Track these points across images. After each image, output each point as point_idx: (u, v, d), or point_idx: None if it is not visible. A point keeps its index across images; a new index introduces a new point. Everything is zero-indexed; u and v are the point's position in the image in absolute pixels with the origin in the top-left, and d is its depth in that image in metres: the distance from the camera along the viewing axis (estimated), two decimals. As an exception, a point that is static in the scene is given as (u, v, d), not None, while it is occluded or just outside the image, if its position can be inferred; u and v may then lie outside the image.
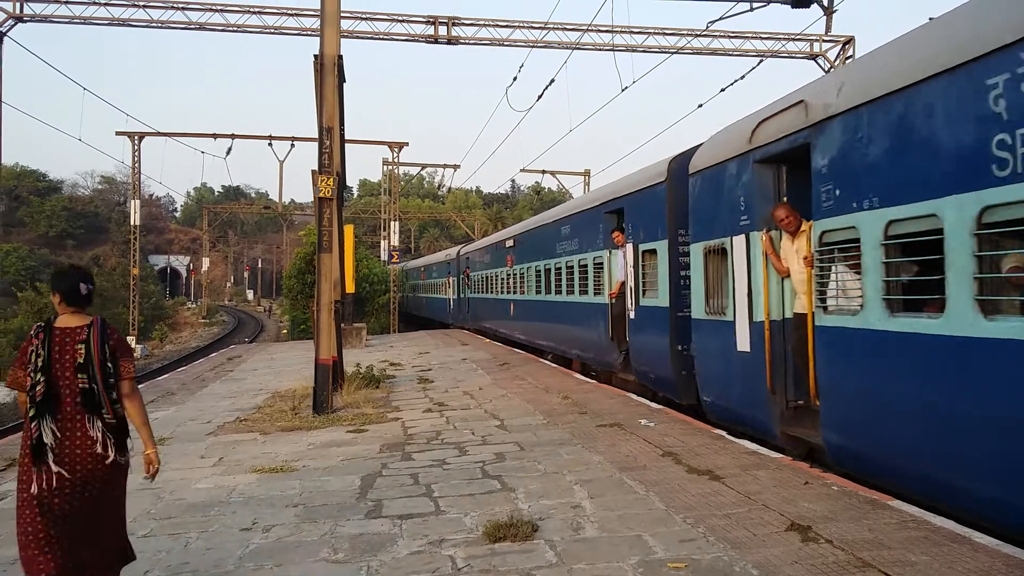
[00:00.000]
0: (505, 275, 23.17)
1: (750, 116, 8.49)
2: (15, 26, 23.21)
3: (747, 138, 8.08)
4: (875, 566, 4.61)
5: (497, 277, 24.78)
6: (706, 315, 9.27)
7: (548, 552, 5.12)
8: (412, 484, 7.12)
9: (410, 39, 25.05)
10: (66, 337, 4.12)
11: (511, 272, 22.29)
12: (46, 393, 4.00)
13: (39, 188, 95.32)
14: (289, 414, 11.40)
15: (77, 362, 4.07)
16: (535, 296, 19.10)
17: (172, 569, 5.13)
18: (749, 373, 8.12)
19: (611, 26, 24.76)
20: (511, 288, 22.35)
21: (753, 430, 8.29)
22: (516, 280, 21.64)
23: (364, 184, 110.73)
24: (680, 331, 10.54)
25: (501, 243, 24.49)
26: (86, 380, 4.06)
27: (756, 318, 7.90)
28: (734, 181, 8.41)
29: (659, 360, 11.27)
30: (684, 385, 10.52)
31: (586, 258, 14.83)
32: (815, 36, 25.34)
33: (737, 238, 8.28)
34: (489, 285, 26.46)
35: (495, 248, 25.61)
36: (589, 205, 15.07)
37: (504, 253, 23.35)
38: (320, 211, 12.12)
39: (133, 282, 36.54)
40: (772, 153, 7.67)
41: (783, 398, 7.69)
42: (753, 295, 7.93)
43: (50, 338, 4.10)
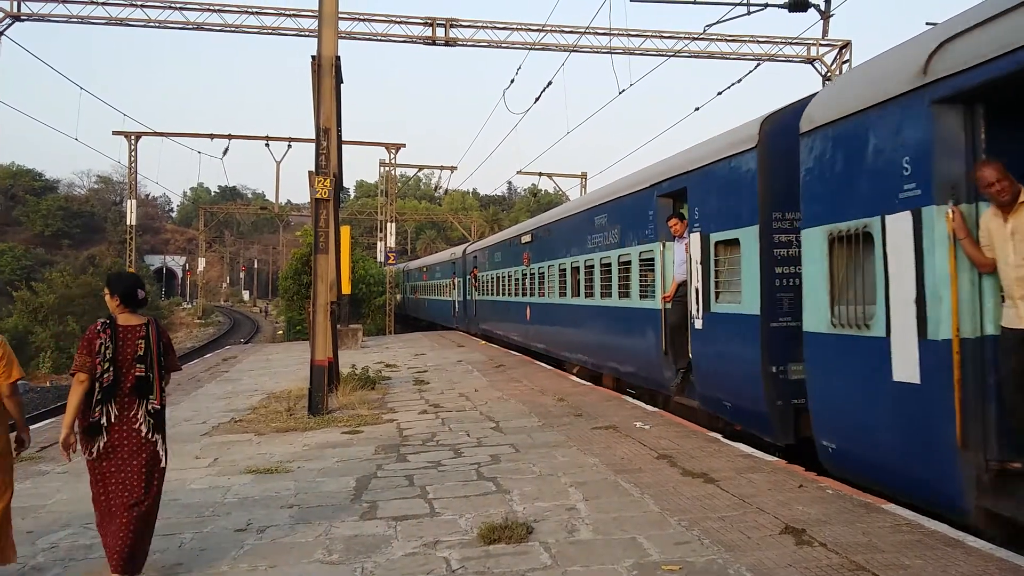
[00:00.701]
0: (520, 275, 20.81)
1: (915, 40, 6.20)
2: (12, 25, 23.18)
3: (917, 69, 5.70)
4: (869, 569, 4.63)
5: (510, 278, 22.34)
6: (832, 328, 6.71)
7: (543, 554, 5.13)
8: (407, 486, 7.11)
9: (408, 40, 25.06)
10: (128, 333, 4.94)
11: (528, 272, 19.92)
12: (112, 379, 4.82)
13: (35, 187, 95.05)
14: (284, 415, 11.39)
15: (137, 354, 4.91)
16: (558, 299, 16.72)
17: (166, 570, 5.12)
18: (917, 416, 5.69)
19: (609, 29, 24.80)
20: (527, 290, 20.01)
21: (920, 498, 5.87)
22: (534, 281, 19.27)
23: (361, 185, 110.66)
24: (776, 347, 8.11)
25: (516, 239, 21.91)
26: (143, 369, 4.91)
27: (933, 335, 5.49)
28: (889, 134, 6.02)
29: (742, 385, 8.69)
30: (781, 420, 8.08)
31: (629, 253, 12.25)
32: (812, 40, 25.39)
33: (895, 217, 5.89)
34: (500, 286, 24.04)
35: (508, 245, 23.18)
36: (635, 188, 12.15)
37: (519, 250, 21.01)
38: (317, 212, 12.11)
39: (129, 282, 36.43)
40: (967, 87, 5.27)
41: (981, 456, 5.27)
42: (928, 300, 5.54)
43: (115, 333, 4.89)
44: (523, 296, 20.50)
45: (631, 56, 25.56)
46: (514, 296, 21.75)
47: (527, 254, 19.90)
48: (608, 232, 13.37)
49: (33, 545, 5.73)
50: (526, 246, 20.17)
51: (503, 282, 23.59)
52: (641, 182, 12.03)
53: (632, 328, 12.08)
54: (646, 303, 11.53)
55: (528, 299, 19.90)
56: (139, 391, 4.90)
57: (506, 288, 23.05)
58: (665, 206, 11.06)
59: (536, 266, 19.01)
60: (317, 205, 12.11)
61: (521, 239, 20.91)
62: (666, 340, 10.72)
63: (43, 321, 39.99)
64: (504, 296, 23.40)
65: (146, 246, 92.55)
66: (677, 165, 10.74)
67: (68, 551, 5.64)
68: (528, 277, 19.85)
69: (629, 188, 12.56)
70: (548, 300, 17.73)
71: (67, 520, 6.41)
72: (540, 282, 18.61)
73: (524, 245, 20.39)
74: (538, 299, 18.87)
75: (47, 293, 43.04)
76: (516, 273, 21.43)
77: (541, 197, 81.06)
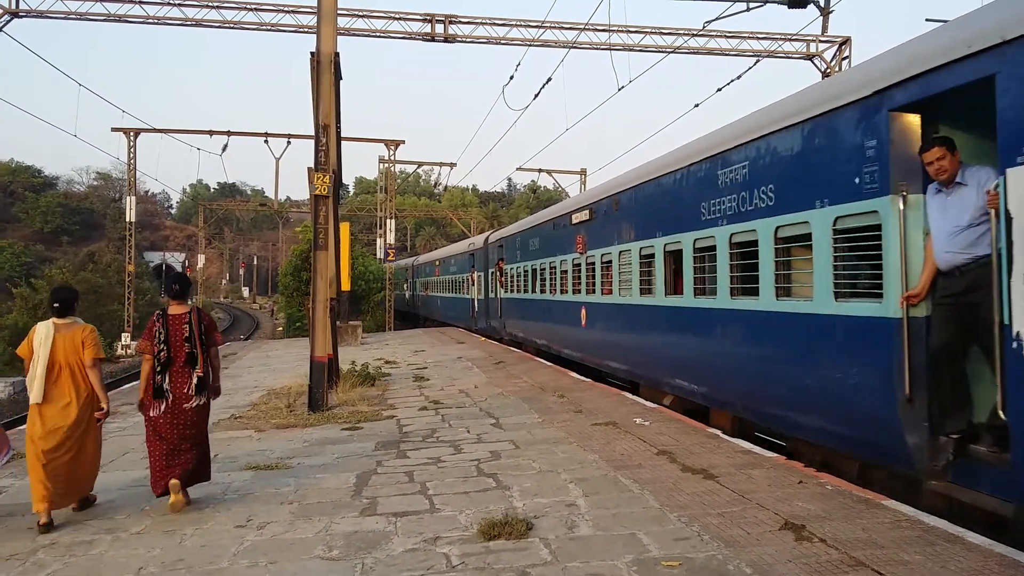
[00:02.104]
0: (571, 266, 16.01)
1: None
2: (11, 21, 23.14)
3: None
4: (869, 565, 4.63)
5: (554, 270, 17.52)
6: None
7: (543, 550, 5.13)
8: (407, 482, 7.12)
9: (407, 37, 25.04)
10: (176, 320, 6.51)
11: (583, 261, 15.18)
12: (167, 356, 6.41)
13: (34, 184, 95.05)
14: (284, 411, 11.39)
15: (184, 336, 6.47)
16: (639, 300, 11.93)
17: (167, 566, 5.13)
18: None
19: (608, 25, 24.81)
20: (582, 286, 15.22)
21: None
22: (593, 273, 14.52)
23: (360, 182, 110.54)
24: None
25: (562, 220, 17.06)
26: (189, 347, 6.47)
27: None
28: None
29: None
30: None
31: (808, 221, 7.39)
32: (811, 36, 25.39)
33: None
34: (537, 282, 19.22)
35: (551, 228, 17.98)
36: (824, 106, 7.21)
37: (568, 233, 16.20)
38: (316, 208, 12.10)
39: (128, 279, 36.42)
40: None
41: None
42: None
43: (166, 321, 6.48)
44: (574, 294, 15.74)
45: (630, 52, 25.56)
46: (559, 294, 16.94)
47: (582, 237, 15.17)
48: (751, 191, 8.41)
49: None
50: (580, 227, 15.39)
51: (542, 276, 18.75)
52: (843, 93, 6.96)
53: (817, 351, 7.26)
54: (854, 307, 6.74)
55: (584, 298, 15.04)
56: (189, 363, 6.46)
57: (547, 284, 18.16)
58: (908, 130, 6.27)
59: (597, 253, 14.18)
60: (316, 202, 12.10)
61: (572, 218, 16.03)
62: (911, 377, 5.98)
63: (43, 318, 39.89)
64: (543, 294, 18.60)
65: (145, 243, 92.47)
66: (948, 46, 5.72)
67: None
68: (584, 269, 15.11)
69: (809, 109, 7.47)
70: (622, 300, 12.74)
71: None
72: (604, 275, 13.85)
73: (577, 226, 15.60)
74: (602, 299, 13.99)
75: (46, 290, 43.01)
76: (563, 264, 16.67)
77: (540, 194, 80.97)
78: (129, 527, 6.02)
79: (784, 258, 7.93)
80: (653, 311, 11.36)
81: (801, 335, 7.53)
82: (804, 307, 7.46)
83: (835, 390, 6.92)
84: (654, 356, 11.48)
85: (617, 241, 12.95)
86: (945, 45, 5.77)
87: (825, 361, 7.09)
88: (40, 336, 6.35)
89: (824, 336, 7.12)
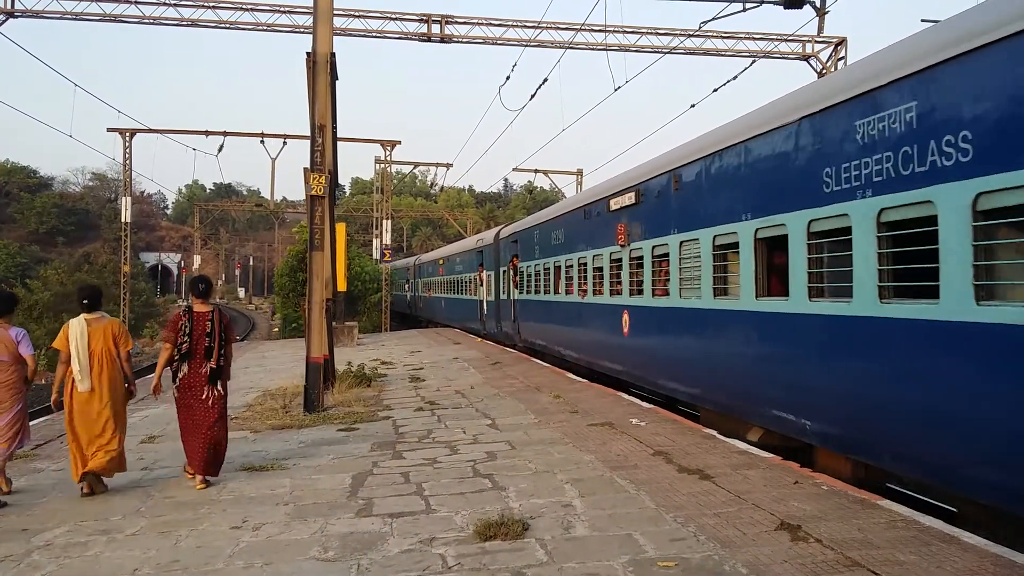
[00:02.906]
0: (608, 262, 13.28)
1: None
2: (6, 21, 23.08)
3: None
4: (864, 565, 4.63)
5: (584, 268, 14.88)
6: None
7: (539, 551, 5.13)
8: (403, 483, 7.11)
9: (403, 37, 25.01)
10: (199, 317, 7.40)
11: (625, 256, 12.46)
12: (188, 347, 7.27)
13: (29, 184, 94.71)
14: (280, 412, 11.37)
15: (206, 331, 7.34)
16: (711, 303, 9.34)
17: (162, 567, 5.11)
18: None
19: (604, 26, 24.81)
20: (623, 285, 12.56)
21: None
22: (640, 269, 11.84)
23: (356, 182, 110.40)
24: None
25: (595, 206, 14.27)
26: (209, 341, 7.34)
27: None
28: None
29: None
30: None
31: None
32: (807, 37, 25.41)
33: None
34: (561, 282, 16.53)
35: (581, 218, 15.22)
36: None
37: (605, 222, 13.45)
38: (312, 209, 12.09)
39: (124, 279, 36.38)
40: None
41: None
42: None
43: (191, 317, 7.35)
44: (613, 296, 13.10)
45: (627, 53, 25.57)
46: (592, 296, 14.30)
47: (624, 226, 12.46)
48: (925, 142, 5.86)
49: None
50: (621, 214, 12.68)
51: (568, 275, 16.07)
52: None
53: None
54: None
55: (627, 301, 12.41)
56: (207, 355, 7.34)
57: (575, 283, 15.47)
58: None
59: (646, 245, 11.53)
60: (312, 202, 12.09)
61: (610, 204, 13.24)
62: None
63: (38, 319, 39.82)
64: (568, 296, 15.94)
65: (141, 243, 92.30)
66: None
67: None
68: (627, 265, 12.42)
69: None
70: (685, 304, 10.18)
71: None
72: (658, 272, 11.28)
73: (617, 213, 12.86)
74: (653, 302, 11.32)
75: (42, 290, 42.95)
76: (597, 259, 13.99)
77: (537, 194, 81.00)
78: (124, 528, 6.00)
79: (994, 241, 5.30)
80: (735, 318, 8.77)
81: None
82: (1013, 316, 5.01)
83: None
84: (735, 377, 8.84)
85: (676, 229, 10.36)
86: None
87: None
88: (75, 332, 7.01)
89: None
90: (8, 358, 7.02)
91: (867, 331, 6.50)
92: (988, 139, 5.28)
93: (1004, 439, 5.12)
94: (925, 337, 5.86)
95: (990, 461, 5.34)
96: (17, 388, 7.10)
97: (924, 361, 5.95)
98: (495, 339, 23.95)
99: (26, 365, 7.13)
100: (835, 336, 6.98)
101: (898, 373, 6.20)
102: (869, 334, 6.47)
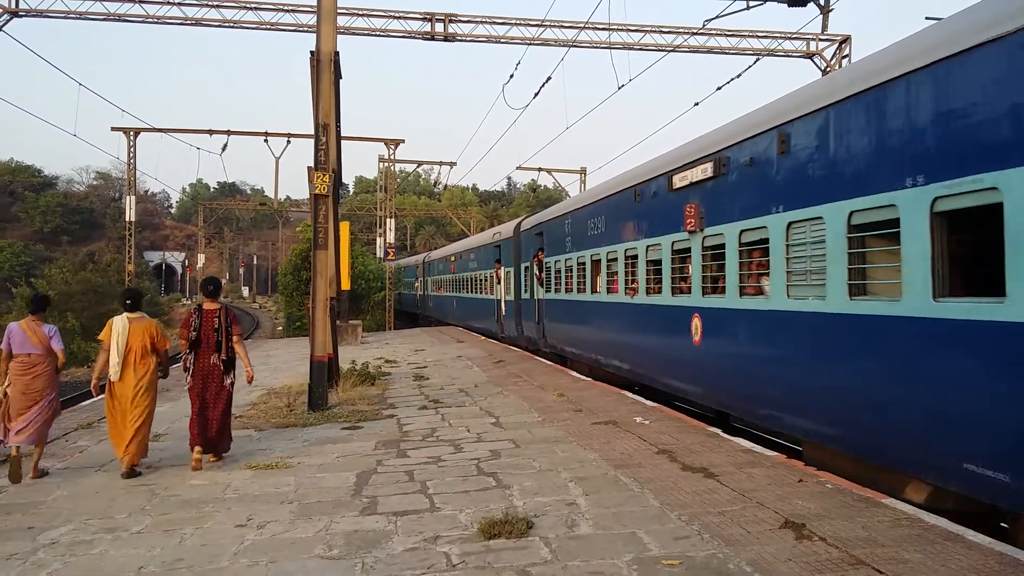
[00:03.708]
0: (669, 253, 10.71)
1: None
2: (10, 20, 23.13)
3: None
4: (869, 564, 4.63)
5: (633, 261, 12.18)
6: None
7: (543, 549, 5.13)
8: (407, 481, 7.12)
9: (407, 36, 25.02)
10: (208, 314, 8.26)
11: (695, 244, 9.94)
12: (196, 339, 8.15)
13: (34, 184, 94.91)
14: (284, 411, 11.39)
15: (214, 327, 8.20)
16: (842, 305, 6.94)
17: (167, 565, 5.13)
18: None
19: (608, 24, 24.79)
20: (693, 281, 10.04)
21: None
22: (722, 260, 9.30)
23: (360, 181, 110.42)
24: None
25: (651, 184, 11.57)
26: (216, 336, 8.18)
27: None
28: None
29: None
30: None
31: None
32: (811, 35, 25.38)
33: None
34: (600, 278, 14.09)
35: (632, 200, 12.29)
36: None
37: (665, 204, 10.91)
38: (316, 208, 12.10)
39: (128, 278, 36.42)
40: None
41: None
42: None
43: (201, 314, 8.25)
44: (678, 295, 10.48)
45: (630, 51, 25.55)
46: (645, 296, 11.57)
47: (695, 207, 9.85)
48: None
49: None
50: (691, 192, 10.06)
51: (611, 270, 13.47)
52: None
53: None
54: None
55: (699, 302, 9.80)
56: (216, 349, 8.19)
57: (621, 280, 12.73)
58: None
59: (731, 229, 9.02)
60: (316, 201, 12.10)
61: (673, 181, 10.58)
62: None
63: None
64: (612, 295, 13.30)
65: (145, 242, 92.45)
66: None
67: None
68: (697, 255, 9.87)
69: None
70: (794, 306, 7.73)
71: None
72: (749, 264, 8.82)
73: (684, 191, 10.25)
74: (740, 303, 8.80)
75: (46, 289, 42.97)
76: (653, 250, 11.34)
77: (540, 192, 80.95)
78: (129, 526, 6.02)
79: None
80: (895, 328, 6.18)
81: None
82: None
83: None
84: (893, 412, 6.23)
85: (782, 206, 7.91)
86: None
87: None
88: (118, 328, 7.92)
89: None
90: (42, 351, 7.97)
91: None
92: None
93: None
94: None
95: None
96: (50, 378, 8.03)
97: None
98: (514, 343, 21.82)
99: (57, 358, 8.09)
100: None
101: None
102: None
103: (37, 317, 8.16)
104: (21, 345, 7.87)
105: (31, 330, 7.97)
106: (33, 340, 7.92)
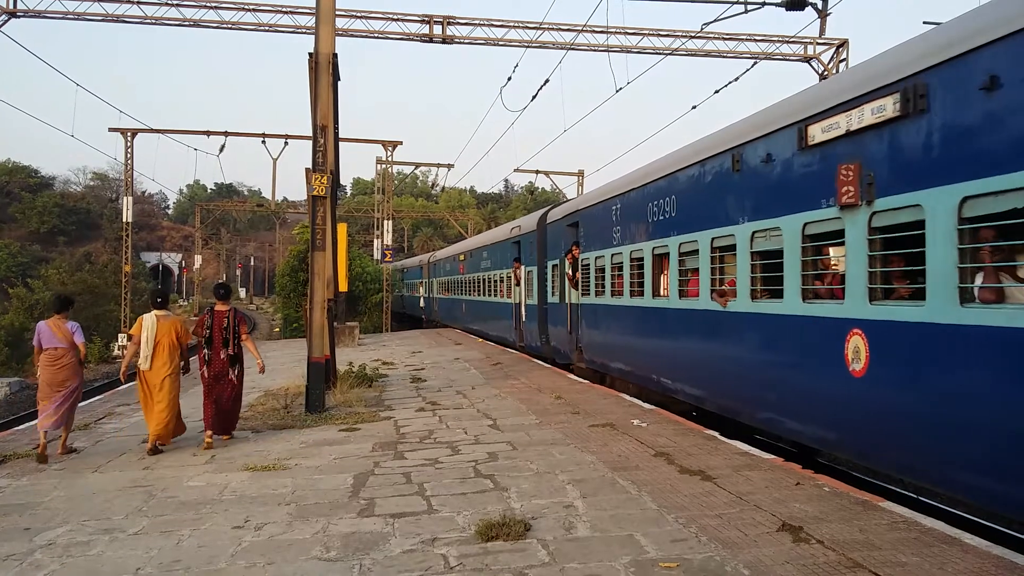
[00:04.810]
0: (799, 239, 7.45)
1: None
2: (8, 21, 23.11)
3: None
4: (866, 567, 4.64)
5: (719, 256, 9.40)
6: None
7: (540, 551, 5.13)
8: (405, 483, 7.11)
9: (405, 38, 25.03)
10: (219, 315, 9.48)
11: (863, 224, 6.46)
12: (209, 337, 9.38)
13: (30, 184, 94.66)
14: (281, 412, 11.38)
15: (224, 326, 9.43)
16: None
17: (164, 566, 5.12)
18: None
19: (606, 27, 24.80)
20: (848, 282, 6.68)
21: None
22: (928, 247, 5.69)
23: (358, 183, 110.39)
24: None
25: (766, 141, 8.25)
26: (226, 335, 9.42)
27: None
28: None
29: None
30: None
31: None
32: (809, 39, 25.42)
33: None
34: (667, 278, 10.97)
35: (729, 167, 9.06)
36: None
37: (792, 169, 7.73)
38: (314, 209, 12.10)
39: (125, 279, 36.36)
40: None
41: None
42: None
43: (213, 314, 9.46)
44: (811, 301, 7.36)
45: (628, 54, 25.60)
46: (749, 303, 8.53)
47: (854, 169, 6.61)
48: None
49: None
50: (847, 145, 6.80)
51: (682, 267, 10.43)
52: None
53: None
54: None
55: (860, 312, 6.53)
56: (225, 344, 9.40)
57: (702, 279, 9.68)
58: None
59: (941, 196, 5.60)
60: (314, 202, 12.09)
61: (807, 134, 7.36)
62: None
63: (39, 318, 39.93)
64: (687, 300, 10.21)
65: (142, 243, 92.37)
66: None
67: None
68: (864, 243, 6.50)
69: None
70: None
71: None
72: (969, 252, 5.40)
73: (832, 145, 7.01)
74: (958, 315, 5.38)
75: (43, 290, 42.89)
76: (763, 239, 8.32)
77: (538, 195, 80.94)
78: (127, 527, 6.01)
79: None
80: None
81: None
82: None
83: None
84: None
85: (972, 172, 5.33)
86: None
87: None
88: (147, 324, 9.03)
89: None
90: (67, 345, 9.08)
91: None
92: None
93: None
94: None
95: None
96: (74, 369, 9.14)
97: None
98: (538, 355, 18.78)
99: (79, 351, 9.22)
100: None
101: None
102: None
103: (61, 315, 9.26)
104: (49, 340, 9.03)
105: (56, 327, 9.13)
106: (58, 335, 9.07)
